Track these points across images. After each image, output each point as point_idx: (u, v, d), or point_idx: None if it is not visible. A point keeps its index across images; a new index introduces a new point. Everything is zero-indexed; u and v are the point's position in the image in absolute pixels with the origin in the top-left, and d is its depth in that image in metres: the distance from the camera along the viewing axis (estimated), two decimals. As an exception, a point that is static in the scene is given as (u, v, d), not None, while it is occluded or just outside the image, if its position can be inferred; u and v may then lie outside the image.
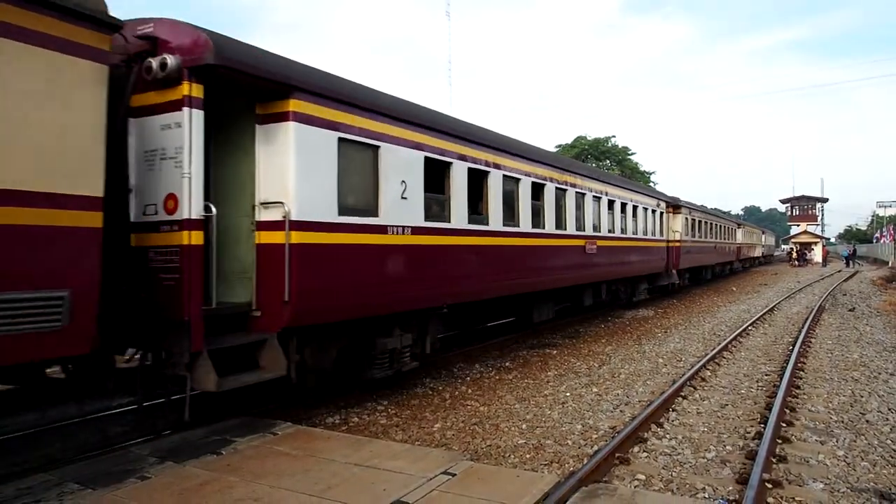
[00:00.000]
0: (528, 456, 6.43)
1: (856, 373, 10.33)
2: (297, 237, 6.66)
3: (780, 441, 6.73)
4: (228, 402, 7.32)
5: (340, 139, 7.31)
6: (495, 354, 12.11)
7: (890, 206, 74.35)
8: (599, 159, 56.26)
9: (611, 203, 16.47)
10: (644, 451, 6.53)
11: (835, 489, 5.55)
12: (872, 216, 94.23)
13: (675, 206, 23.77)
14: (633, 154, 58.97)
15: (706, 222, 29.73)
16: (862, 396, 8.75)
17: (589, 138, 58.12)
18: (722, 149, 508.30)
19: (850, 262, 59.18)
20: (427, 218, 8.85)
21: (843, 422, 7.57)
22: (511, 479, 5.36)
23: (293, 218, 6.65)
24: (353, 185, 7.62)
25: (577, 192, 14.07)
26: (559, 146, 56.54)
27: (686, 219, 24.89)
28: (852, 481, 5.73)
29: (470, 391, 9.25)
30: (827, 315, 18.74)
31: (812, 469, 6.03)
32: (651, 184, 53.54)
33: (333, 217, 7.19)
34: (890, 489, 5.54)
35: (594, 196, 15.24)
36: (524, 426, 7.44)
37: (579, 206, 14.31)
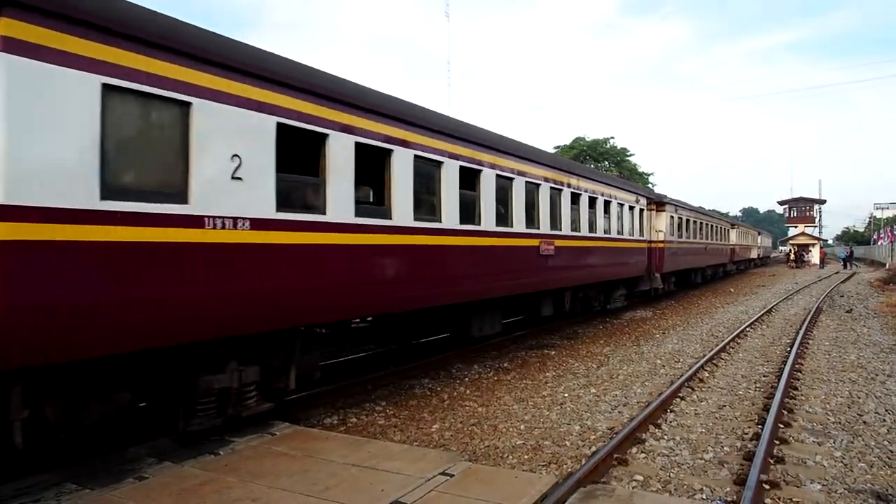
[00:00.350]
0: (526, 457, 6.44)
1: (853, 374, 10.35)
2: (5, 231, 4.42)
3: (777, 442, 6.75)
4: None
5: (107, 87, 5.04)
6: (493, 355, 12.11)
7: (887, 208, 74.62)
8: (598, 160, 56.28)
9: (575, 197, 14.14)
10: (642, 452, 6.54)
11: (832, 490, 5.56)
12: (870, 218, 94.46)
13: (658, 203, 21.81)
14: (631, 155, 59.06)
15: (695, 221, 27.66)
16: (859, 398, 8.77)
17: (588, 139, 58.20)
18: (721, 150, 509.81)
19: (848, 263, 59.34)
20: (282, 208, 6.56)
21: (840, 423, 7.59)
22: (509, 480, 5.36)
23: None
24: (135, 156, 5.44)
25: (527, 182, 11.83)
26: (558, 147, 56.60)
27: (672, 217, 22.86)
28: (849, 482, 5.74)
29: (468, 392, 9.25)
30: (824, 316, 18.77)
31: (809, 470, 6.04)
32: (649, 185, 53.48)
33: (89, 201, 4.90)
34: (887, 490, 5.55)
35: (553, 188, 12.93)
36: (522, 427, 7.45)
37: (532, 199, 12.06)
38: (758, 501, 5.16)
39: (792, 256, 64.93)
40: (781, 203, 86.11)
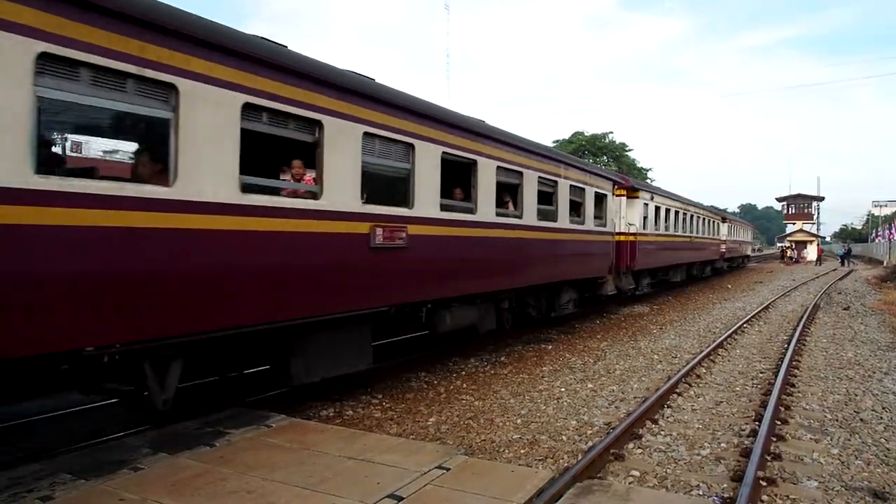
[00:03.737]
0: (522, 451, 6.42)
1: (850, 371, 10.35)
2: None
3: (774, 439, 6.74)
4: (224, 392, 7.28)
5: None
6: (490, 349, 12.09)
7: (885, 206, 74.62)
8: (597, 155, 56.21)
9: None
10: (639, 447, 6.53)
11: (829, 487, 5.56)
12: (868, 215, 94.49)
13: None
14: (630, 150, 58.99)
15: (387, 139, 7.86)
16: (856, 395, 8.77)
17: (586, 134, 58.07)
18: (719, 146, 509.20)
19: (845, 260, 59.45)
20: None
21: (837, 420, 7.58)
22: (505, 474, 5.34)
23: None
24: None
25: None
26: (557, 141, 56.49)
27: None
28: (846, 479, 5.73)
29: (465, 385, 9.23)
30: (822, 313, 18.78)
31: (806, 467, 6.03)
32: (648, 180, 53.29)
33: None
34: (884, 488, 5.55)
35: None
36: (519, 421, 7.43)
37: None
38: (755, 498, 5.16)
39: (788, 253, 65.18)
40: (780, 200, 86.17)
